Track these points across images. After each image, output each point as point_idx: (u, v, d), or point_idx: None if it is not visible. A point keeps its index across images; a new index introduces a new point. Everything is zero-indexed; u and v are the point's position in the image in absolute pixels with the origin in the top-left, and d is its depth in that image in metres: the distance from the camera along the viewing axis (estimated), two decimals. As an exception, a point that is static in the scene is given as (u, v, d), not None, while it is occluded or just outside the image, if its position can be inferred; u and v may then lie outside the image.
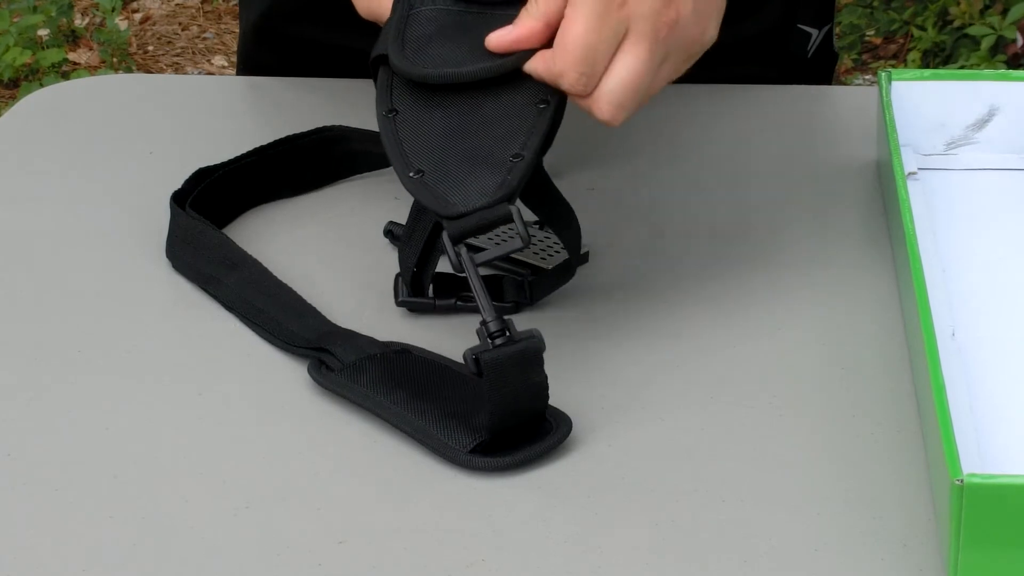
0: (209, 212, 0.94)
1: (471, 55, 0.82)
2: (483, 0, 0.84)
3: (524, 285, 0.88)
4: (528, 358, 0.77)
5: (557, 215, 0.87)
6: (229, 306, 0.89)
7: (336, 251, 0.94)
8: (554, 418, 0.79)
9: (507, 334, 0.76)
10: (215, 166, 0.97)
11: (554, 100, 0.81)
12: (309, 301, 0.88)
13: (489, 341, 0.76)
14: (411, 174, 0.80)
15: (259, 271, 0.90)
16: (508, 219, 0.78)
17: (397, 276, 0.88)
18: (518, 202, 0.80)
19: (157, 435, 0.80)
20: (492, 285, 0.88)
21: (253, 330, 0.87)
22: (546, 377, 0.77)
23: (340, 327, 0.86)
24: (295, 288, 0.89)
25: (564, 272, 0.89)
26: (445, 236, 0.78)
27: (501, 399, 0.76)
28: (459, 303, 0.88)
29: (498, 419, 0.77)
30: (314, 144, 1.00)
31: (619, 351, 0.85)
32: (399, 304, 0.88)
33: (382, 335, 0.85)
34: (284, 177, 0.99)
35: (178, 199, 0.94)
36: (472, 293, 0.78)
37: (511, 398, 0.77)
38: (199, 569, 0.72)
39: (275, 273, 0.90)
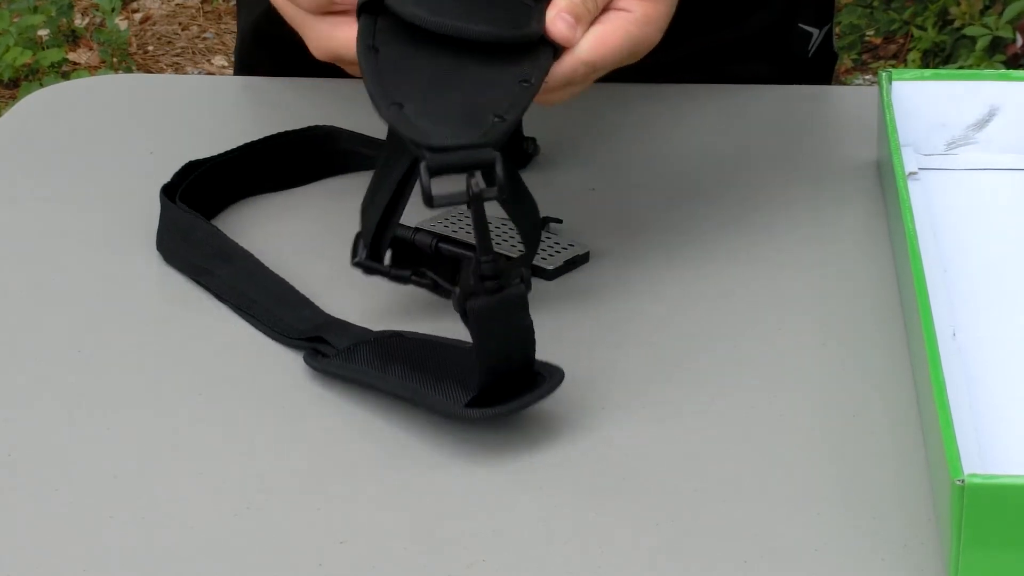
0: (197, 204, 0.94)
1: (474, 15, 0.81)
2: None
3: None
4: (512, 304, 0.76)
5: (521, 209, 0.85)
6: (223, 297, 0.89)
7: (325, 245, 0.94)
8: (545, 370, 0.79)
9: (497, 279, 0.76)
10: (204, 159, 0.97)
11: (536, 81, 0.80)
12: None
13: (480, 282, 0.76)
14: (390, 104, 0.78)
15: (253, 263, 0.90)
16: (490, 163, 0.76)
17: (357, 235, 0.85)
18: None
19: (157, 435, 0.80)
20: (451, 268, 0.86)
21: (248, 321, 0.87)
22: (532, 322, 0.77)
23: (335, 317, 0.86)
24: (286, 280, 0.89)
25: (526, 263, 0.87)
26: (423, 167, 0.75)
27: (489, 345, 0.76)
28: (413, 277, 0.85)
29: (489, 366, 0.77)
30: (303, 141, 1.01)
31: (619, 351, 0.85)
32: (354, 265, 0.85)
33: (375, 328, 0.85)
34: (271, 171, 1.00)
35: (168, 192, 0.94)
36: (426, 271, 0.77)
37: (498, 344, 0.77)
38: (199, 569, 0.72)
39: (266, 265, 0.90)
